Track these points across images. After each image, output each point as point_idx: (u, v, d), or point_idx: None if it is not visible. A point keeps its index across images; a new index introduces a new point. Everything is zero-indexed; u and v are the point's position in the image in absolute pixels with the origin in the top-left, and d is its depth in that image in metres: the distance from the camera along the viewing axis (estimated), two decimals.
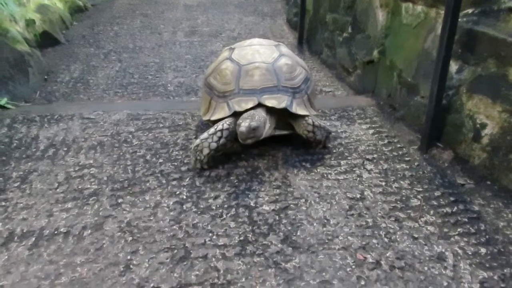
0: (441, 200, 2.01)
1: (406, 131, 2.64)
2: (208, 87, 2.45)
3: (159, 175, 2.21)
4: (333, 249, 1.72)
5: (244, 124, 2.04)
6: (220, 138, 2.16)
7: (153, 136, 2.60)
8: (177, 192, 2.07)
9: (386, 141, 2.54)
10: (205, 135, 2.18)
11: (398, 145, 2.50)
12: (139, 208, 1.96)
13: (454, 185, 2.12)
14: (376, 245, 1.74)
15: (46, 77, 3.74)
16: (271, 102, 2.24)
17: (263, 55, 2.40)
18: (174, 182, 2.14)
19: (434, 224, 1.86)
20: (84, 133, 2.66)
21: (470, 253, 1.70)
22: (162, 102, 3.25)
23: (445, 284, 1.56)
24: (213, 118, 2.29)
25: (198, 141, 2.19)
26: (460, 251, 1.71)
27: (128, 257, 1.67)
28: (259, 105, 2.22)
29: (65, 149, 2.47)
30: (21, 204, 1.99)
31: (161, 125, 2.74)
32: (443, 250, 1.71)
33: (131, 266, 1.63)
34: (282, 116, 2.32)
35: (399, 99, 2.82)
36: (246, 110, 2.18)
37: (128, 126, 2.73)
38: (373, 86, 3.22)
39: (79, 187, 2.11)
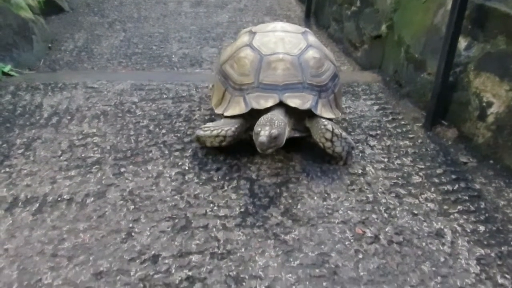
0: (443, 177, 2.02)
1: (411, 108, 2.61)
2: (222, 75, 2.19)
3: (161, 145, 2.21)
4: (333, 223, 1.73)
5: (264, 133, 1.78)
6: (222, 142, 2.03)
7: (157, 107, 2.59)
8: (179, 163, 2.08)
9: (390, 118, 2.52)
10: (207, 133, 2.04)
11: (402, 122, 2.48)
12: (141, 178, 1.97)
13: (457, 163, 2.12)
14: (376, 220, 1.76)
15: (50, 45, 3.71)
16: (294, 101, 1.99)
17: (288, 44, 2.13)
18: (177, 153, 2.15)
19: (434, 201, 1.87)
20: (88, 102, 2.65)
21: (468, 231, 1.71)
22: (166, 73, 3.23)
23: (442, 260, 1.58)
24: (227, 113, 2.08)
25: (201, 133, 2.07)
26: (458, 228, 1.72)
27: (130, 225, 1.70)
28: (279, 103, 1.99)
29: (69, 117, 2.47)
30: (25, 171, 2.01)
31: (164, 96, 2.73)
32: (442, 227, 1.73)
33: (132, 234, 1.66)
34: (299, 115, 2.08)
35: (406, 75, 2.78)
36: (265, 110, 1.96)
37: (132, 96, 2.72)
38: (380, 62, 3.18)
39: (82, 155, 2.13)
